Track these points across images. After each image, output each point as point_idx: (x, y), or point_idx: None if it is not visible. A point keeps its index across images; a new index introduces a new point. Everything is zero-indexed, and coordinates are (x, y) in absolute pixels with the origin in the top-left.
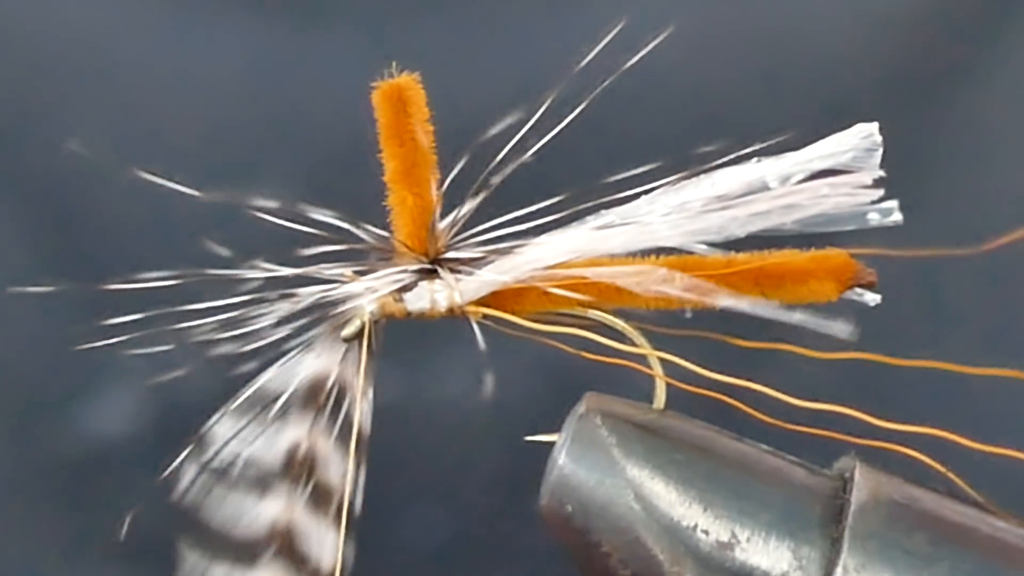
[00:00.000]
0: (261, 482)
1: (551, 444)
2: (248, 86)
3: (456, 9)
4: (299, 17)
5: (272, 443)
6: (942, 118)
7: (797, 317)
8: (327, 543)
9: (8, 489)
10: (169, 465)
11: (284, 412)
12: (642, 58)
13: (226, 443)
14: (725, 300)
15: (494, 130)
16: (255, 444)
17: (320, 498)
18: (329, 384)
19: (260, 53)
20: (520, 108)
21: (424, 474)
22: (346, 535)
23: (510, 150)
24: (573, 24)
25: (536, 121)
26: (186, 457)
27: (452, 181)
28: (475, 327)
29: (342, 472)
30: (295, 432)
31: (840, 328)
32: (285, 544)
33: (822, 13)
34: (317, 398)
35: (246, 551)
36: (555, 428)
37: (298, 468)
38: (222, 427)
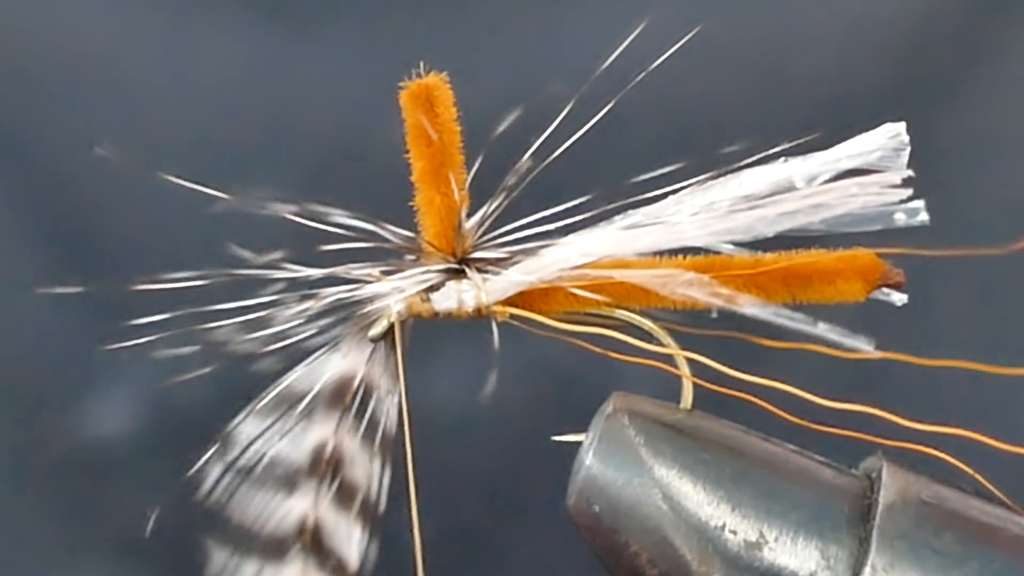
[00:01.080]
0: (288, 480)
1: (559, 444)
2: (246, 89)
3: (458, 8)
4: (298, 19)
5: (299, 442)
6: (949, 120)
7: (821, 328)
8: (352, 539)
9: (13, 486)
10: (175, 464)
11: (310, 411)
12: (659, 59)
13: (252, 442)
14: (750, 305)
15: (512, 130)
16: (282, 443)
17: (345, 495)
18: (355, 384)
19: (258, 55)
20: (533, 108)
21: (419, 471)
22: (371, 531)
23: (536, 150)
24: (592, 23)
25: (559, 122)
26: (210, 456)
27: (480, 181)
28: (494, 327)
29: (366, 470)
30: (322, 431)
31: (863, 343)
32: (312, 540)
33: (835, 15)
34: (343, 397)
35: (274, 548)
36: (551, 427)
37: (325, 466)
38: (247, 426)
